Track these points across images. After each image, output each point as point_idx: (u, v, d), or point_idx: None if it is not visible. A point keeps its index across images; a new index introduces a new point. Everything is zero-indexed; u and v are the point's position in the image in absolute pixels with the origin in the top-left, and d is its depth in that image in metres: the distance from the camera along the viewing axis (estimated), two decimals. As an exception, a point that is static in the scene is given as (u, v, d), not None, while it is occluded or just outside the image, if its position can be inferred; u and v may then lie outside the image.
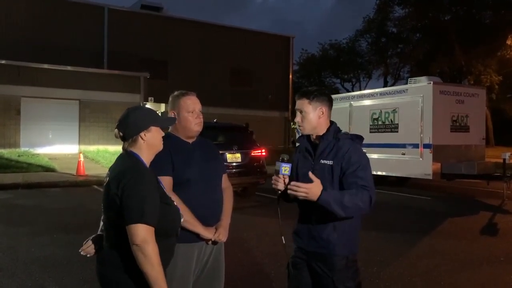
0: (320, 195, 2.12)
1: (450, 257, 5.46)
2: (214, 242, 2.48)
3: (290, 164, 2.33)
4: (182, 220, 2.15)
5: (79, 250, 2.11)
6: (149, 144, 2.01)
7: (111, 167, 2.02)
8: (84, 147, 18.00)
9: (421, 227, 7.26)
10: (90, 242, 2.10)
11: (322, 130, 2.40)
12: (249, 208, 8.70)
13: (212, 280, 2.52)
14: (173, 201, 2.07)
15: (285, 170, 2.31)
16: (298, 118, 2.43)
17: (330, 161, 2.32)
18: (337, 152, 2.32)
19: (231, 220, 2.61)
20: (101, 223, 2.08)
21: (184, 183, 2.39)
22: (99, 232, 2.10)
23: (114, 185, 1.87)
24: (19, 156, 16.32)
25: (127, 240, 1.82)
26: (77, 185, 12.18)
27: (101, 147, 18.66)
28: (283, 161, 2.32)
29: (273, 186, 2.35)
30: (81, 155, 13.78)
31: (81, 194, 10.74)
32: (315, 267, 2.37)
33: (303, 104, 2.40)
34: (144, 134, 1.99)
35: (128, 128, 1.99)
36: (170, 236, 2.02)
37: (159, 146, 2.06)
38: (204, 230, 2.41)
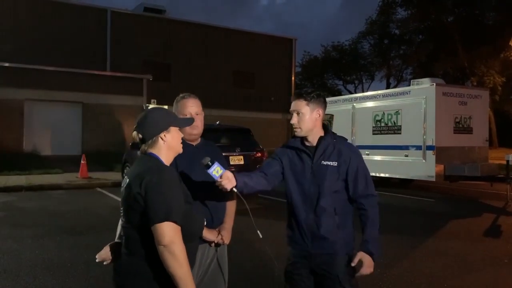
0: (373, 255, 2.31)
1: (453, 259, 5.45)
2: (217, 244, 2.49)
3: (216, 163, 2.17)
4: (205, 222, 2.12)
5: (96, 257, 2.05)
6: (169, 145, 1.97)
7: (129, 169, 1.98)
8: (87, 149, 18.00)
9: (424, 229, 7.24)
10: (108, 248, 2.02)
11: (318, 132, 2.41)
12: (252, 210, 8.70)
13: (215, 282, 2.53)
14: (195, 203, 2.04)
15: (219, 172, 2.17)
16: (294, 120, 2.40)
17: (334, 162, 2.34)
18: (340, 154, 2.36)
19: (235, 222, 2.62)
20: (118, 229, 2.02)
21: (188, 185, 2.39)
22: (116, 240, 2.04)
23: (136, 185, 1.80)
24: (22, 158, 16.37)
25: (148, 244, 1.76)
26: (80, 187, 12.21)
27: (104, 149, 18.68)
28: (208, 167, 2.16)
29: (228, 189, 2.22)
30: (84, 157, 13.80)
31: (85, 196, 10.77)
32: (317, 269, 2.35)
33: (300, 105, 2.38)
34: (164, 135, 1.95)
35: (148, 129, 1.95)
36: (193, 239, 1.96)
37: (178, 148, 2.03)
38: (207, 232, 2.41)
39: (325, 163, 2.35)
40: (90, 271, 4.77)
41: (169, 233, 1.72)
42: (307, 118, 2.36)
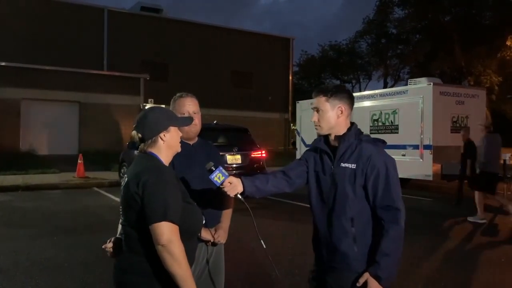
0: (380, 280, 2.02)
1: (450, 258, 5.46)
2: (214, 244, 2.49)
3: (218, 168, 2.11)
4: (204, 221, 2.11)
5: (102, 246, 2.06)
6: (169, 144, 1.97)
7: (129, 168, 1.98)
8: (84, 149, 17.97)
9: (421, 228, 7.24)
10: (111, 244, 2.03)
11: (341, 130, 2.18)
12: (251, 210, 8.69)
13: (212, 281, 2.52)
14: (194, 202, 2.03)
15: (220, 178, 2.10)
16: (314, 118, 2.20)
17: (353, 165, 2.10)
18: (360, 155, 2.10)
19: (232, 221, 2.61)
20: (119, 227, 2.03)
21: (185, 183, 2.39)
22: (118, 236, 2.05)
23: (133, 184, 1.82)
24: (19, 158, 16.31)
25: (147, 243, 1.77)
26: (77, 187, 12.18)
27: (101, 149, 18.65)
28: (211, 171, 2.10)
29: (231, 195, 2.14)
30: (81, 157, 13.78)
31: (82, 196, 10.73)
32: (325, 282, 2.19)
33: (320, 101, 2.19)
34: (164, 135, 1.95)
35: (147, 129, 1.94)
36: (192, 237, 1.97)
37: (177, 147, 2.03)
38: (204, 231, 2.41)
39: (343, 165, 2.12)
40: (87, 271, 4.75)
41: (166, 232, 1.73)
42: (328, 116, 2.17)
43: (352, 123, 2.23)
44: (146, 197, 1.77)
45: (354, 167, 2.09)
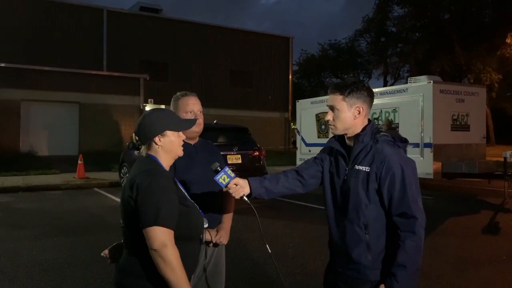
0: None
1: (451, 257, 5.45)
2: (215, 244, 2.47)
3: (224, 170, 2.04)
4: (206, 225, 2.09)
5: (102, 254, 2.06)
6: (165, 149, 1.94)
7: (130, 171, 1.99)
8: (84, 150, 17.97)
9: (422, 226, 7.24)
10: (107, 250, 2.04)
11: (357, 130, 2.01)
12: (250, 209, 8.67)
13: (214, 282, 2.51)
14: (195, 204, 2.01)
15: (225, 180, 2.04)
16: (329, 117, 2.02)
17: (367, 167, 1.94)
18: (375, 157, 1.93)
19: (233, 221, 2.60)
20: None
21: (186, 184, 2.38)
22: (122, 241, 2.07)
23: (128, 187, 1.82)
24: (19, 159, 16.30)
25: (144, 246, 1.75)
26: (77, 187, 12.17)
27: (101, 149, 18.64)
28: (217, 172, 2.04)
29: (237, 197, 2.08)
30: (81, 157, 13.77)
31: (82, 196, 10.73)
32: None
33: (336, 100, 2.00)
34: (159, 139, 1.92)
35: (143, 133, 1.93)
36: (191, 240, 1.95)
37: (177, 151, 1.98)
38: (205, 232, 2.40)
39: (357, 167, 1.97)
40: (87, 272, 4.75)
41: (159, 237, 1.71)
42: (344, 116, 1.98)
43: (369, 121, 2.05)
44: (139, 201, 1.76)
45: (368, 170, 1.94)
